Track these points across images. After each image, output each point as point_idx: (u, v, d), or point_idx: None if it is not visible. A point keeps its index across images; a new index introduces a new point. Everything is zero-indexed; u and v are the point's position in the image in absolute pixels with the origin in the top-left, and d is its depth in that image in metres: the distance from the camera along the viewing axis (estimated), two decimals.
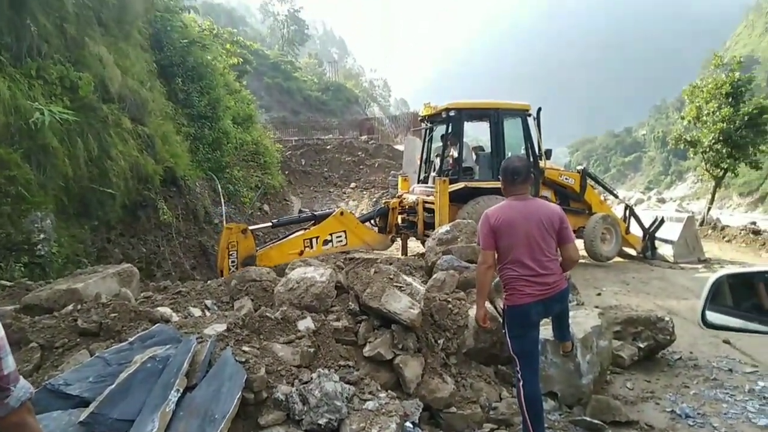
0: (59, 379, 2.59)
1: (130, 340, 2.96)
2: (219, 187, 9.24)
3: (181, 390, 2.55)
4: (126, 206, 6.40)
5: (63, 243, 5.28)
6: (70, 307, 3.35)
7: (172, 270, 6.83)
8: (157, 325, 3.19)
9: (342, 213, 7.65)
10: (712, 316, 1.60)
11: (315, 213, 7.92)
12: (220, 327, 3.20)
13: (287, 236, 7.74)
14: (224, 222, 8.58)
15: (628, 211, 10.46)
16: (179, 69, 9.50)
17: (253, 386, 2.70)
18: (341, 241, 7.46)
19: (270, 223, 7.56)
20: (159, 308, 3.64)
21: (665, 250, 10.31)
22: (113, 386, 2.52)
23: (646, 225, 10.34)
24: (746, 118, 15.32)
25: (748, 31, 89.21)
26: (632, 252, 10.45)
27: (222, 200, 9.01)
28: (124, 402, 2.47)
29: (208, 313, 3.81)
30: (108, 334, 3.18)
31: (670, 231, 10.35)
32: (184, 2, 11.22)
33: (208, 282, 4.77)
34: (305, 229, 7.65)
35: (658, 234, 10.35)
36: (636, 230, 10.39)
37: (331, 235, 7.39)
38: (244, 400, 2.66)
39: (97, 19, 6.57)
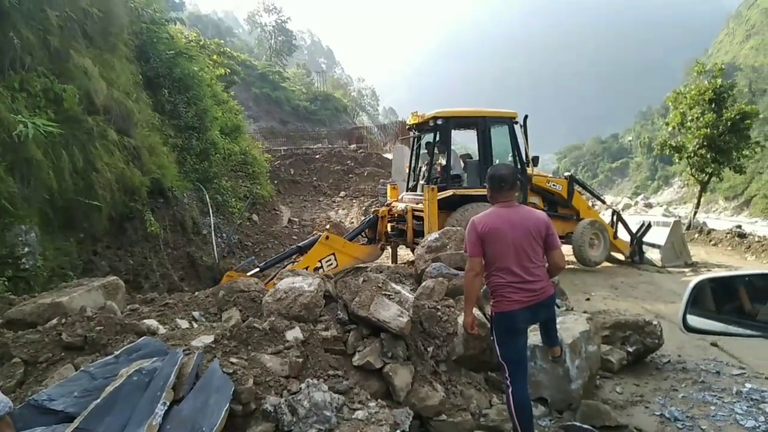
0: (43, 395, 2.55)
1: (116, 353, 2.93)
2: (207, 197, 9.18)
3: (168, 403, 2.52)
4: (112, 218, 6.34)
5: (48, 256, 5.21)
6: (54, 321, 3.31)
7: (160, 282, 6.77)
8: (143, 337, 3.16)
9: (327, 237, 7.55)
10: (693, 320, 1.61)
11: (299, 245, 7.76)
12: (208, 339, 3.18)
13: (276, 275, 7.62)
14: (213, 233, 8.53)
15: (615, 217, 10.55)
16: (166, 80, 9.45)
17: (241, 398, 2.68)
18: (331, 264, 7.38)
19: (257, 268, 7.36)
20: (145, 321, 3.60)
21: (653, 255, 10.40)
22: (98, 400, 2.49)
23: (634, 230, 10.43)
24: (729, 123, 15.56)
25: (729, 38, 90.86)
26: (620, 257, 10.52)
27: (210, 211, 8.95)
28: (109, 416, 2.44)
29: (195, 325, 3.78)
30: (93, 348, 3.14)
31: (658, 235, 10.45)
32: (170, 14, 11.21)
33: (196, 293, 4.72)
34: (293, 262, 7.55)
35: (645, 239, 10.44)
36: (624, 235, 10.48)
37: (320, 261, 7.30)
38: (232, 411, 2.64)
39: (82, 31, 6.53)
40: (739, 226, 16.97)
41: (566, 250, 8.04)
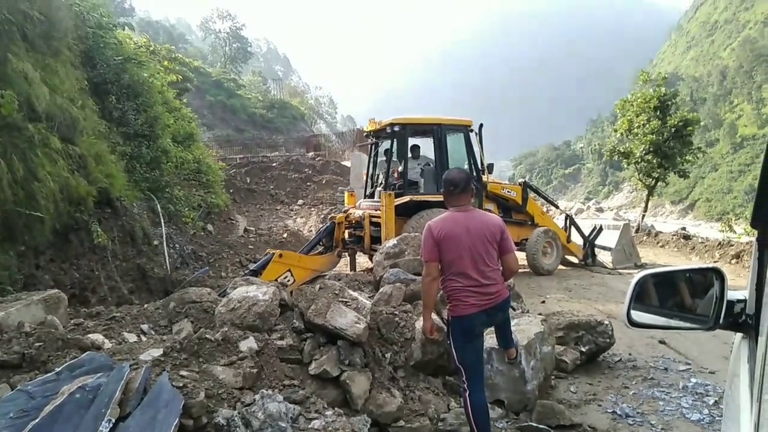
0: None
1: (57, 370, 2.77)
2: (158, 207, 8.88)
3: (114, 420, 2.39)
4: (56, 230, 6.04)
5: None
6: None
7: (109, 295, 6.49)
8: (87, 353, 3.01)
9: (281, 255, 7.29)
10: (637, 315, 1.65)
11: (252, 268, 7.49)
12: (157, 352, 3.06)
13: None
14: (164, 243, 8.26)
15: (568, 221, 10.86)
16: (114, 86, 9.13)
17: (192, 412, 2.59)
18: (289, 280, 7.19)
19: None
20: (90, 335, 3.44)
21: (604, 257, 10.75)
22: (37, 420, 2.34)
23: (586, 233, 10.76)
24: (673, 130, 16.34)
25: (672, 49, 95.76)
26: (574, 260, 10.83)
27: (162, 221, 8.66)
28: None
29: (144, 338, 3.64)
30: (32, 365, 2.97)
31: (609, 238, 10.82)
32: (118, 19, 10.88)
33: (145, 306, 4.55)
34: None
35: (597, 242, 10.78)
36: (577, 239, 10.79)
37: (276, 279, 7.10)
38: (183, 427, 2.53)
39: (22, 34, 6.23)
40: (684, 229, 17.79)
41: (520, 256, 8.18)
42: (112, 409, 2.42)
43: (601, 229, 10.87)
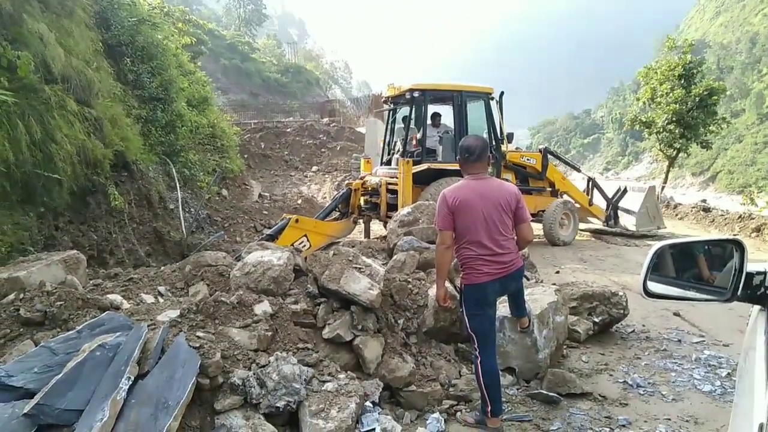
0: (1, 371, 2.47)
1: (78, 328, 2.85)
2: (174, 171, 8.94)
3: (133, 378, 2.47)
4: (74, 192, 6.12)
5: (6, 231, 5.01)
6: (11, 296, 3.20)
7: (126, 257, 6.60)
8: (106, 312, 3.08)
9: (297, 220, 7.39)
10: (653, 286, 1.64)
11: (268, 233, 7.49)
12: (174, 313, 3.12)
13: None
14: (180, 207, 8.35)
15: (590, 184, 10.78)
16: (128, 48, 9.09)
17: (209, 371, 2.65)
18: (305, 245, 7.24)
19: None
20: (109, 296, 3.51)
21: (627, 220, 10.69)
22: (60, 375, 2.42)
23: (610, 196, 10.71)
24: (697, 99, 15.90)
25: (700, 15, 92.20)
26: (596, 222, 10.81)
27: (177, 185, 8.73)
28: (72, 391, 2.38)
29: (161, 300, 3.71)
30: (54, 323, 3.05)
31: (632, 201, 10.75)
32: None
33: (162, 268, 4.63)
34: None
35: (621, 204, 10.73)
36: (599, 201, 10.75)
37: (292, 244, 7.17)
38: (200, 385, 2.60)
39: None
40: (705, 201, 17.50)
41: (536, 227, 8.14)
42: (131, 366, 2.49)
43: (625, 190, 10.83)
